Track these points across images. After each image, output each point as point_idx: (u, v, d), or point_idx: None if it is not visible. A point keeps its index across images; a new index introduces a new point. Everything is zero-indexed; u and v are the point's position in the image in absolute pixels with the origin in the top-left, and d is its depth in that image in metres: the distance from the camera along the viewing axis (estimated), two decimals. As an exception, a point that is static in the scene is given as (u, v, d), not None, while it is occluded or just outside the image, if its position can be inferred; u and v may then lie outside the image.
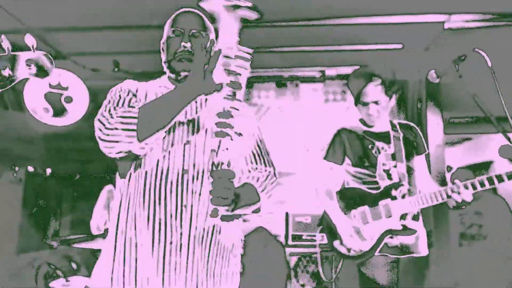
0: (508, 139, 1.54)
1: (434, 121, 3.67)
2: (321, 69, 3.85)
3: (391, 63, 3.50)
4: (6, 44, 1.22)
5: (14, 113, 3.63)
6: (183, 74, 1.43)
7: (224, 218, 1.26)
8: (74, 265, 2.75)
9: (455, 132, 4.49)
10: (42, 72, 1.26)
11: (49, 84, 3.36)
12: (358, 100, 2.09)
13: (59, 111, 3.37)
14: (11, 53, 1.23)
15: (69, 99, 3.42)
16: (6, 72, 1.21)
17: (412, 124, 2.25)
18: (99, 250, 2.57)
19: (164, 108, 1.26)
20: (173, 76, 1.47)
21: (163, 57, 1.51)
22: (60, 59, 3.52)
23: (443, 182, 3.50)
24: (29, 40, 1.24)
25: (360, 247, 1.96)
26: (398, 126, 2.17)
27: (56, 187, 3.54)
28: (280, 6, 2.75)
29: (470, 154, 5.14)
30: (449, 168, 4.61)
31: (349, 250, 1.97)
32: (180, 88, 1.30)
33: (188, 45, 1.42)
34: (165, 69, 1.51)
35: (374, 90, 2.04)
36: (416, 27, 2.93)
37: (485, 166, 4.63)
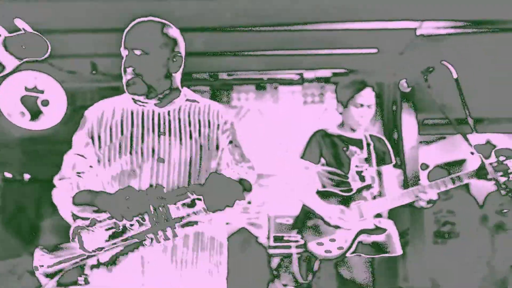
0: (467, 140, 1.64)
1: (409, 123, 3.80)
2: (300, 72, 3.92)
3: (367, 67, 3.61)
4: (21, 25, 1.25)
5: (-11, 117, 3.55)
6: (135, 97, 1.41)
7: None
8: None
9: (429, 132, 4.64)
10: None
11: (25, 87, 3.30)
12: (352, 101, 2.16)
13: (35, 115, 3.32)
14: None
15: (46, 103, 3.36)
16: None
17: (381, 136, 2.39)
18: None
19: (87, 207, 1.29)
20: None
21: None
22: (36, 62, 3.46)
23: (416, 180, 3.64)
24: (20, 23, 1.25)
25: (348, 225, 2.04)
26: (369, 137, 2.29)
27: (35, 192, 3.47)
28: (260, 11, 2.80)
29: (444, 153, 5.31)
30: (424, 166, 4.77)
31: (327, 251, 2.05)
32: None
33: (130, 70, 1.36)
34: None
35: (370, 95, 2.16)
36: (390, 33, 3.03)
37: (458, 164, 4.80)
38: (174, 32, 1.43)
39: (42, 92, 3.36)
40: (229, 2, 2.66)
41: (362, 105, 2.15)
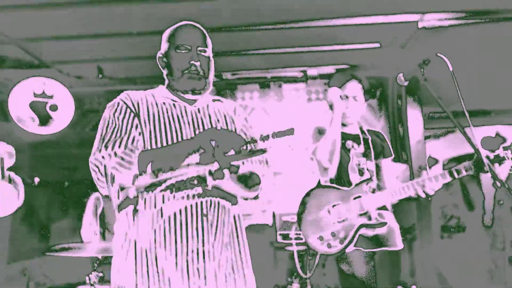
0: (464, 133, 1.63)
1: (414, 117, 3.78)
2: (303, 69, 3.93)
3: (370, 62, 3.59)
4: None
5: (-1, 123, 3.64)
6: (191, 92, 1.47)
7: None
8: None
9: (436, 126, 4.60)
10: None
11: (34, 93, 3.38)
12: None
13: (44, 120, 3.39)
14: None
15: (54, 107, 3.43)
16: None
17: (379, 130, 2.42)
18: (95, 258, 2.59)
19: (168, 159, 1.28)
20: (180, 90, 1.48)
21: (165, 71, 1.52)
22: (44, 68, 3.54)
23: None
24: None
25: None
26: (366, 132, 2.31)
27: (45, 195, 3.55)
28: (262, 10, 2.82)
29: (453, 147, 5.24)
30: (434, 160, 4.72)
31: (329, 245, 2.04)
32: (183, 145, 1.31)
33: (198, 64, 1.44)
34: (168, 81, 1.52)
35: (355, 86, 2.23)
36: (391, 27, 3.02)
37: (468, 158, 4.73)
38: None
39: (50, 97, 3.43)
40: (229, 1, 2.68)
41: (347, 97, 2.18)
